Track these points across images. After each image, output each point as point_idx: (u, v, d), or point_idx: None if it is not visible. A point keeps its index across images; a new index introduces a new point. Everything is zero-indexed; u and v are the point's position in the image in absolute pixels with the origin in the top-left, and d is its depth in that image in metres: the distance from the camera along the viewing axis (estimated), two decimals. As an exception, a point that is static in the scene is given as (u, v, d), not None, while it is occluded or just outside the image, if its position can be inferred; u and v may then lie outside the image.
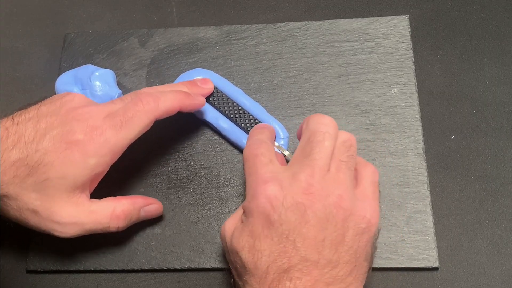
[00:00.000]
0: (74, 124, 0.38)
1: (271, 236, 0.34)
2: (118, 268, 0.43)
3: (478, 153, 0.45)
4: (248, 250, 0.34)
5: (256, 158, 0.38)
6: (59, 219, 0.38)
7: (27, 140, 0.38)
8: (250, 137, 0.41)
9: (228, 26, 0.51)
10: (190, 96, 0.43)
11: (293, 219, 0.34)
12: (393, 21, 0.49)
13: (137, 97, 0.40)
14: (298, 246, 0.34)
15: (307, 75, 0.48)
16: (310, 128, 0.38)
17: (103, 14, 0.54)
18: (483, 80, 0.47)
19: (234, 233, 0.36)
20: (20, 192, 0.38)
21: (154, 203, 0.43)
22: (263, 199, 0.35)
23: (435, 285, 0.41)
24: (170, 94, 0.41)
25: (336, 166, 0.36)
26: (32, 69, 0.52)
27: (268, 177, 0.36)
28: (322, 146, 0.36)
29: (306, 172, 0.35)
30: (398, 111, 0.46)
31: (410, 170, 0.44)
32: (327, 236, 0.34)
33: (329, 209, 0.35)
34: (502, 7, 0.50)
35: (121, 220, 0.40)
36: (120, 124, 0.39)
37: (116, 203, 0.41)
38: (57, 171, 0.37)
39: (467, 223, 0.42)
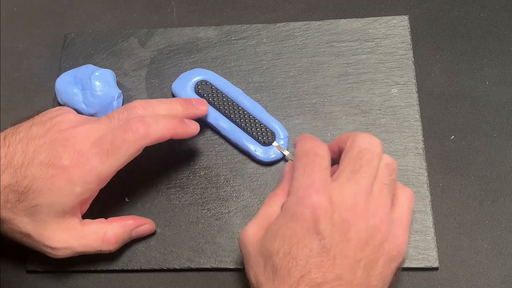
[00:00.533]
0: (61, 150, 0.37)
1: (310, 246, 0.33)
2: (118, 268, 0.43)
3: (478, 153, 0.45)
4: (283, 255, 0.34)
5: (316, 158, 0.37)
6: (51, 244, 0.39)
7: (16, 165, 0.37)
8: (308, 137, 0.39)
9: (228, 26, 0.51)
10: (184, 124, 0.41)
11: (337, 235, 0.34)
12: (393, 21, 0.49)
13: (127, 123, 0.38)
14: (336, 263, 0.33)
15: (307, 75, 0.48)
16: (359, 145, 0.37)
17: (103, 14, 0.54)
18: (483, 80, 0.47)
19: (267, 235, 0.35)
20: (12, 217, 0.38)
21: (146, 223, 0.43)
22: (312, 207, 0.34)
23: (435, 285, 0.41)
24: (163, 121, 0.39)
25: (379, 188, 0.36)
26: (32, 69, 0.52)
27: (322, 186, 0.35)
28: (371, 165, 0.36)
29: (354, 188, 0.35)
30: (398, 111, 0.46)
31: (410, 170, 0.44)
32: (363, 258, 0.34)
33: (370, 231, 0.34)
34: (502, 7, 0.50)
35: (112, 244, 0.41)
36: (107, 152, 0.38)
37: (107, 227, 0.40)
38: (45, 198, 0.37)
39: (467, 223, 0.42)
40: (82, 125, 0.39)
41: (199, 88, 0.47)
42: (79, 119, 0.40)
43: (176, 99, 0.43)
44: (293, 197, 0.36)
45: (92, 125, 0.39)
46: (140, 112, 0.40)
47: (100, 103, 0.46)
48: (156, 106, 0.41)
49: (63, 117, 0.40)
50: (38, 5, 0.55)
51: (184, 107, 0.42)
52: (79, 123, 0.40)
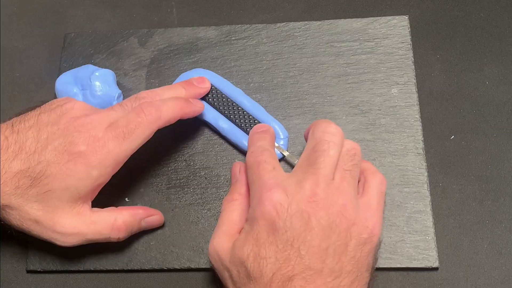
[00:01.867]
0: (76, 135, 0.38)
1: (276, 243, 0.34)
2: (118, 268, 0.43)
3: (478, 153, 0.45)
4: (253, 259, 0.34)
5: (259, 165, 0.38)
6: (61, 230, 0.39)
7: (28, 151, 0.38)
8: (251, 143, 0.41)
9: (228, 26, 0.51)
10: (190, 103, 0.43)
11: (297, 226, 0.34)
12: (393, 21, 0.49)
13: (139, 107, 0.40)
14: (302, 254, 0.34)
15: (307, 75, 0.48)
16: (315, 137, 0.38)
17: (103, 14, 0.54)
18: (483, 80, 0.47)
19: (236, 245, 0.36)
20: (22, 203, 0.38)
21: (155, 214, 0.43)
22: (268, 205, 0.35)
23: (435, 285, 0.41)
24: (171, 102, 0.41)
25: (340, 175, 0.37)
26: (32, 69, 0.52)
27: (272, 183, 0.36)
28: (327, 155, 0.37)
29: (311, 180, 0.35)
30: (398, 111, 0.46)
31: (410, 170, 0.44)
32: (330, 245, 0.34)
33: (332, 218, 0.35)
34: (502, 7, 0.50)
35: (122, 231, 0.41)
36: (123, 136, 0.39)
37: (117, 214, 0.41)
38: (60, 183, 0.37)
39: (467, 223, 0.42)
40: (96, 113, 0.40)
41: (199, 88, 0.47)
42: (89, 107, 0.41)
43: (178, 83, 0.44)
44: (252, 202, 0.37)
45: (106, 112, 0.40)
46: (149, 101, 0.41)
47: (100, 103, 0.46)
48: (161, 94, 0.42)
49: (73, 103, 0.40)
50: (38, 5, 0.55)
51: (187, 89, 0.44)
52: (90, 111, 0.40)
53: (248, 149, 0.41)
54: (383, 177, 0.39)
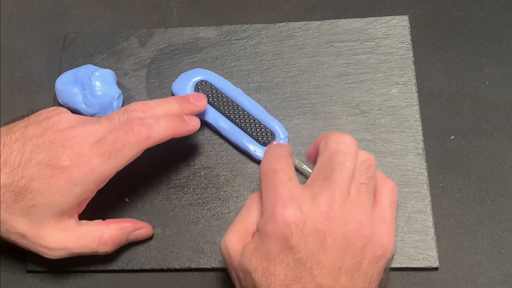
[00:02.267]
0: (60, 150, 0.37)
1: (287, 261, 0.33)
2: (118, 268, 0.43)
3: (478, 153, 0.45)
4: (261, 273, 0.33)
5: (275, 174, 0.35)
6: (47, 244, 0.39)
7: (12, 165, 0.37)
8: (267, 151, 0.39)
9: (228, 26, 0.51)
10: (184, 122, 0.41)
11: (312, 247, 0.33)
12: (393, 21, 0.49)
13: (129, 125, 0.38)
14: (314, 273, 0.33)
15: (307, 75, 0.48)
16: (330, 148, 0.36)
17: (103, 14, 0.54)
18: (483, 80, 0.47)
19: (245, 253, 0.35)
20: (8, 217, 0.37)
21: (143, 227, 0.43)
22: (282, 223, 0.33)
23: (435, 285, 0.41)
24: (163, 122, 0.39)
25: (356, 189, 0.35)
26: (32, 69, 0.52)
27: (287, 197, 0.34)
28: (343, 168, 0.35)
29: (327, 195, 0.34)
30: (398, 111, 0.46)
31: (410, 170, 0.44)
32: (344, 264, 0.33)
33: (348, 237, 0.33)
34: (502, 7, 0.50)
35: (109, 245, 0.40)
36: (108, 154, 0.38)
37: (104, 228, 0.40)
38: (43, 198, 0.37)
39: (467, 223, 0.42)
40: (82, 126, 0.39)
41: (199, 88, 0.47)
42: (77, 120, 0.40)
43: (173, 98, 0.42)
44: (264, 216, 0.35)
45: (92, 126, 0.39)
46: (139, 115, 0.40)
47: (100, 103, 0.46)
48: (154, 108, 0.41)
49: (60, 117, 0.40)
50: (38, 5, 0.55)
51: (182, 105, 0.42)
52: (78, 123, 0.39)
53: (264, 156, 0.38)
54: (394, 185, 0.38)
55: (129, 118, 0.39)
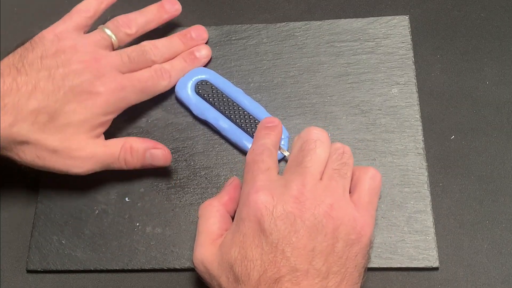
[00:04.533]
0: (92, 78, 0.42)
1: (261, 245, 0.34)
2: (118, 268, 0.43)
3: (478, 153, 0.45)
4: (240, 261, 0.34)
5: (255, 165, 0.38)
6: (78, 154, 0.41)
7: (44, 91, 0.40)
8: (256, 139, 0.41)
9: (228, 26, 0.51)
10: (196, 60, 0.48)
11: (282, 228, 0.34)
12: (393, 21, 0.49)
13: (155, 71, 0.45)
14: (287, 255, 0.33)
15: (307, 75, 0.48)
16: (302, 137, 0.39)
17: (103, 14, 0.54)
18: (483, 80, 0.47)
19: (222, 247, 0.36)
20: (39, 137, 0.40)
21: (161, 148, 0.43)
22: (254, 207, 0.35)
23: (435, 285, 0.41)
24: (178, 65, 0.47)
25: (328, 175, 0.36)
26: (32, 69, 0.52)
27: (260, 185, 0.36)
28: (313, 154, 0.37)
29: (298, 180, 0.35)
30: (398, 111, 0.46)
31: (410, 170, 0.44)
32: (316, 246, 0.34)
33: (319, 219, 0.34)
34: (502, 7, 0.50)
35: (129, 153, 0.43)
36: (141, 88, 0.44)
37: (126, 139, 0.44)
38: (78, 116, 0.41)
39: (467, 223, 0.43)
40: (105, 57, 0.43)
41: (199, 88, 0.47)
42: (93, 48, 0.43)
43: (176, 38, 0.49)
44: (240, 203, 0.37)
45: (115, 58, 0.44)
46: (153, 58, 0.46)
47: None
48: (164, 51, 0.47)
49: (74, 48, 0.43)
50: (38, 5, 0.55)
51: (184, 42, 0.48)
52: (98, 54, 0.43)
53: (252, 143, 0.41)
54: (376, 171, 0.38)
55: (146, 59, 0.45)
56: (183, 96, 0.47)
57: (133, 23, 0.46)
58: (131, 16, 0.47)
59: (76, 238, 0.44)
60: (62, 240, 0.44)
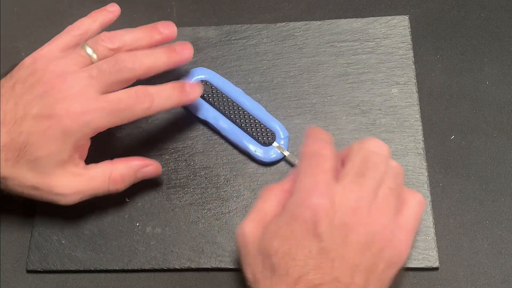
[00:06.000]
0: (53, 102, 0.38)
1: (310, 247, 0.33)
2: (118, 268, 0.43)
3: (478, 153, 0.45)
4: (281, 256, 0.34)
5: (319, 159, 0.36)
6: (60, 191, 0.39)
7: (8, 124, 0.38)
8: (313, 134, 0.39)
9: (228, 26, 0.51)
10: (184, 93, 0.42)
11: (336, 238, 0.33)
12: (393, 21, 0.49)
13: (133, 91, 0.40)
14: (335, 265, 0.33)
15: (307, 75, 0.48)
16: (367, 148, 0.37)
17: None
18: (483, 80, 0.47)
19: (266, 235, 0.35)
20: (16, 173, 0.38)
21: (151, 164, 0.43)
22: (313, 209, 0.34)
23: (435, 285, 0.41)
24: (165, 92, 0.41)
25: (384, 193, 0.36)
26: (32, 69, 0.52)
27: (324, 187, 0.35)
28: (377, 169, 0.36)
29: (357, 192, 0.35)
30: (398, 111, 0.46)
31: (410, 170, 0.44)
32: (362, 262, 0.34)
33: (370, 236, 0.34)
34: (502, 7, 0.50)
35: (119, 183, 0.41)
36: (109, 111, 0.39)
37: (112, 167, 0.41)
38: (43, 150, 0.38)
39: (467, 223, 0.42)
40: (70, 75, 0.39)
41: (199, 88, 0.47)
42: (61, 67, 0.39)
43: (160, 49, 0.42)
44: (294, 197, 0.35)
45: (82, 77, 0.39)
46: (130, 66, 0.40)
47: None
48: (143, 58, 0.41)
49: (43, 70, 0.39)
50: (38, 5, 0.55)
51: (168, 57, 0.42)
52: (64, 72, 0.39)
53: (308, 138, 0.39)
54: (423, 199, 0.38)
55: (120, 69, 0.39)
56: (183, 96, 0.47)
57: (116, 39, 0.41)
58: (117, 32, 0.42)
59: (76, 238, 0.44)
60: (62, 240, 0.44)
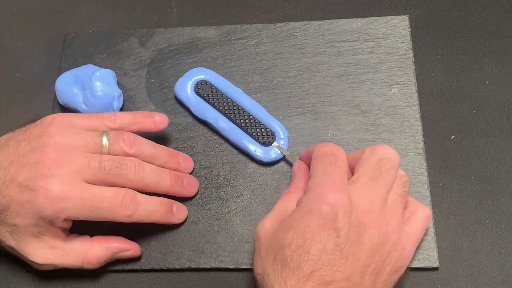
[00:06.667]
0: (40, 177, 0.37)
1: (325, 243, 0.33)
2: (118, 268, 0.43)
3: (478, 153, 0.45)
4: (295, 249, 0.34)
5: (337, 160, 0.37)
6: (33, 260, 0.39)
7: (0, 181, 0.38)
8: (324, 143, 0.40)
9: (228, 26, 0.51)
10: (169, 215, 0.42)
11: (352, 235, 0.34)
12: (393, 21, 0.49)
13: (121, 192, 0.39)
14: (348, 263, 0.33)
15: (307, 75, 0.48)
16: (380, 153, 0.37)
17: (103, 14, 0.54)
18: (483, 80, 0.47)
19: (280, 227, 0.35)
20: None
21: (130, 248, 0.42)
22: (332, 205, 0.34)
23: (435, 285, 0.41)
24: (151, 206, 0.40)
25: (393, 199, 0.37)
26: (32, 69, 0.52)
27: (341, 186, 0.35)
28: (389, 174, 0.37)
29: (370, 195, 0.36)
30: (398, 111, 0.46)
31: (410, 170, 0.44)
32: (372, 263, 0.34)
33: (382, 238, 0.35)
34: (502, 7, 0.50)
35: (93, 264, 0.41)
36: (89, 205, 0.38)
37: (89, 248, 0.41)
38: (21, 220, 0.38)
39: (467, 223, 0.42)
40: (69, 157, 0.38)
41: (199, 88, 0.47)
42: (66, 146, 0.39)
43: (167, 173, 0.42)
44: (310, 193, 0.35)
45: (79, 163, 0.38)
46: (130, 176, 0.39)
47: (100, 103, 0.46)
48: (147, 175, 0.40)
49: (50, 138, 0.39)
50: (38, 5, 0.55)
51: (173, 183, 0.42)
52: (66, 152, 0.38)
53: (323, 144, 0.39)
54: (431, 214, 0.40)
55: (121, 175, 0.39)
56: (183, 96, 0.47)
57: (137, 146, 0.41)
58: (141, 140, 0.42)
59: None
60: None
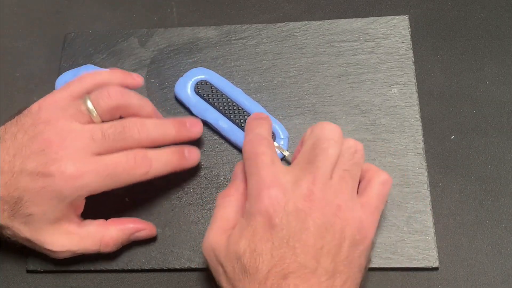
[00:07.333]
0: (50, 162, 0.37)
1: (272, 240, 0.34)
2: (118, 268, 0.43)
3: (478, 153, 0.45)
4: (250, 254, 0.34)
5: (258, 158, 0.37)
6: (51, 248, 0.39)
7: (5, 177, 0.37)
8: (249, 129, 0.41)
9: (228, 26, 0.51)
10: (183, 159, 0.42)
11: (293, 225, 0.34)
12: (393, 21, 0.49)
13: (132, 154, 0.39)
14: (297, 252, 0.34)
15: (307, 75, 0.48)
16: (315, 134, 0.38)
17: (103, 14, 0.54)
18: (483, 80, 0.47)
19: (231, 239, 0.36)
20: (11, 224, 0.38)
21: (146, 228, 0.42)
22: (266, 202, 0.35)
23: (435, 285, 0.41)
24: (164, 157, 0.40)
25: (339, 175, 0.36)
26: (32, 69, 0.52)
27: (270, 180, 0.36)
28: (326, 154, 0.36)
29: (308, 179, 0.36)
30: (398, 111, 0.46)
31: (410, 170, 0.44)
32: (325, 245, 0.34)
33: (327, 218, 0.35)
34: (502, 7, 0.50)
35: (110, 247, 0.41)
36: (105, 175, 0.38)
37: (105, 230, 0.41)
38: (37, 208, 0.38)
39: (467, 223, 0.42)
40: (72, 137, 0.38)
41: (199, 88, 0.47)
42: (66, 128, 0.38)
43: (170, 121, 0.42)
44: (249, 198, 0.36)
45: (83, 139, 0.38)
46: (136, 136, 0.39)
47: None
48: (151, 130, 0.40)
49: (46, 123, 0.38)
50: (38, 5, 0.55)
51: (177, 130, 0.42)
52: (67, 132, 0.38)
53: (245, 136, 0.40)
54: (388, 178, 0.38)
55: (125, 139, 0.39)
56: (183, 96, 0.47)
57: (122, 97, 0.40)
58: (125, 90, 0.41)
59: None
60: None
